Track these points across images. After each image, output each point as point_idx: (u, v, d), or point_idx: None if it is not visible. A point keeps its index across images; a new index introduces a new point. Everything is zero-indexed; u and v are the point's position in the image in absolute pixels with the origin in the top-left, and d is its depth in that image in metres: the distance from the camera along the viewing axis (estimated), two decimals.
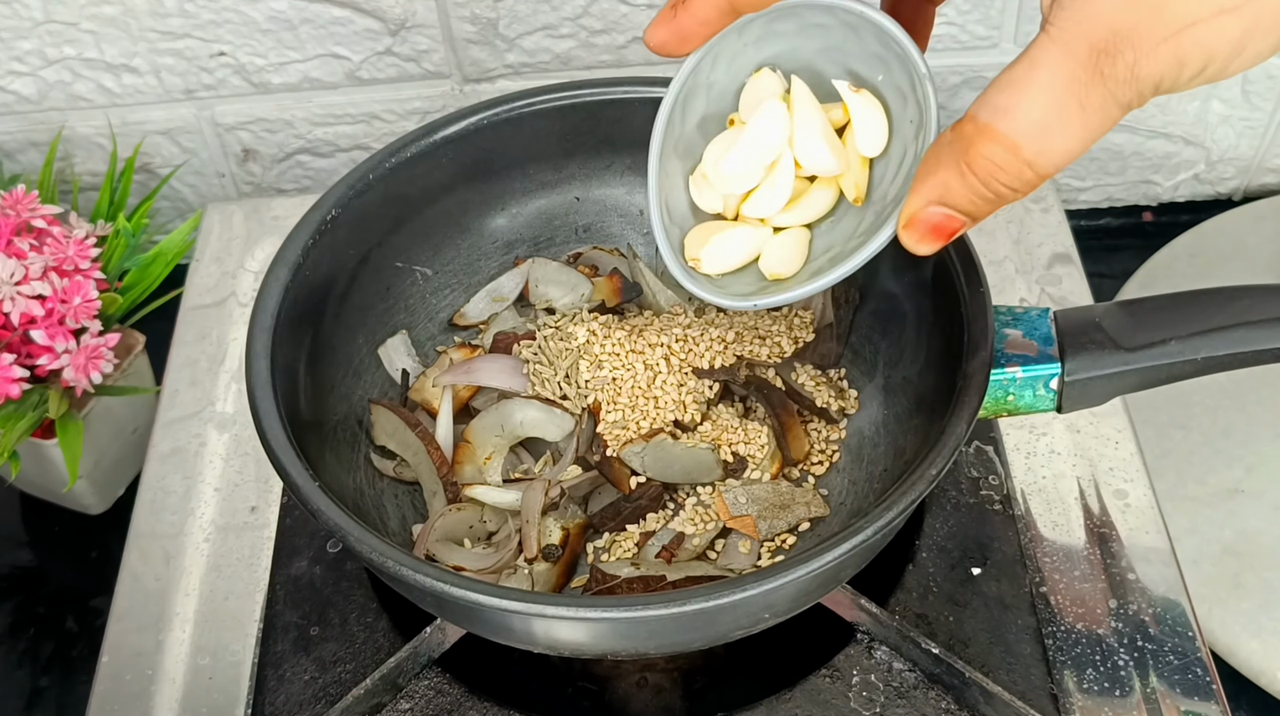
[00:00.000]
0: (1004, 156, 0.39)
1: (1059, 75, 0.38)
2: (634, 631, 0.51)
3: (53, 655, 0.74)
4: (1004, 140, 0.39)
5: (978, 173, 0.40)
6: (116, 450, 0.78)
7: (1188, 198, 0.96)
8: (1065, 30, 0.38)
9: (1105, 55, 0.37)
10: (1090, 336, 0.54)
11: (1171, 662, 0.59)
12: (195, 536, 0.66)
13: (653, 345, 0.62)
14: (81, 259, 0.70)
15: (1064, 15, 0.38)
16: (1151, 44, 0.37)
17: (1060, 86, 0.38)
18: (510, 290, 0.68)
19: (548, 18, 0.83)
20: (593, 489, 0.61)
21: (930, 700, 0.58)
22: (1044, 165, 0.39)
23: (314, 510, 0.50)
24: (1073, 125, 0.39)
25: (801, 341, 0.64)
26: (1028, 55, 0.39)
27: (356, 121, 0.88)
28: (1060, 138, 0.39)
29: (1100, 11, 0.37)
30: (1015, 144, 0.39)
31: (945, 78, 0.87)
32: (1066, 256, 0.76)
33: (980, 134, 0.40)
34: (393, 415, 0.62)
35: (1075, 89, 0.38)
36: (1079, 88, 0.38)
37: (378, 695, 0.58)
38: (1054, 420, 0.68)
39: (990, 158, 0.40)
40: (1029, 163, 0.39)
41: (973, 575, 0.62)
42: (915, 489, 0.49)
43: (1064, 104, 0.38)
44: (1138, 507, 0.64)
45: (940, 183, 0.42)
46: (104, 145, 0.87)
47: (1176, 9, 0.37)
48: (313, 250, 0.59)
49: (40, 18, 0.81)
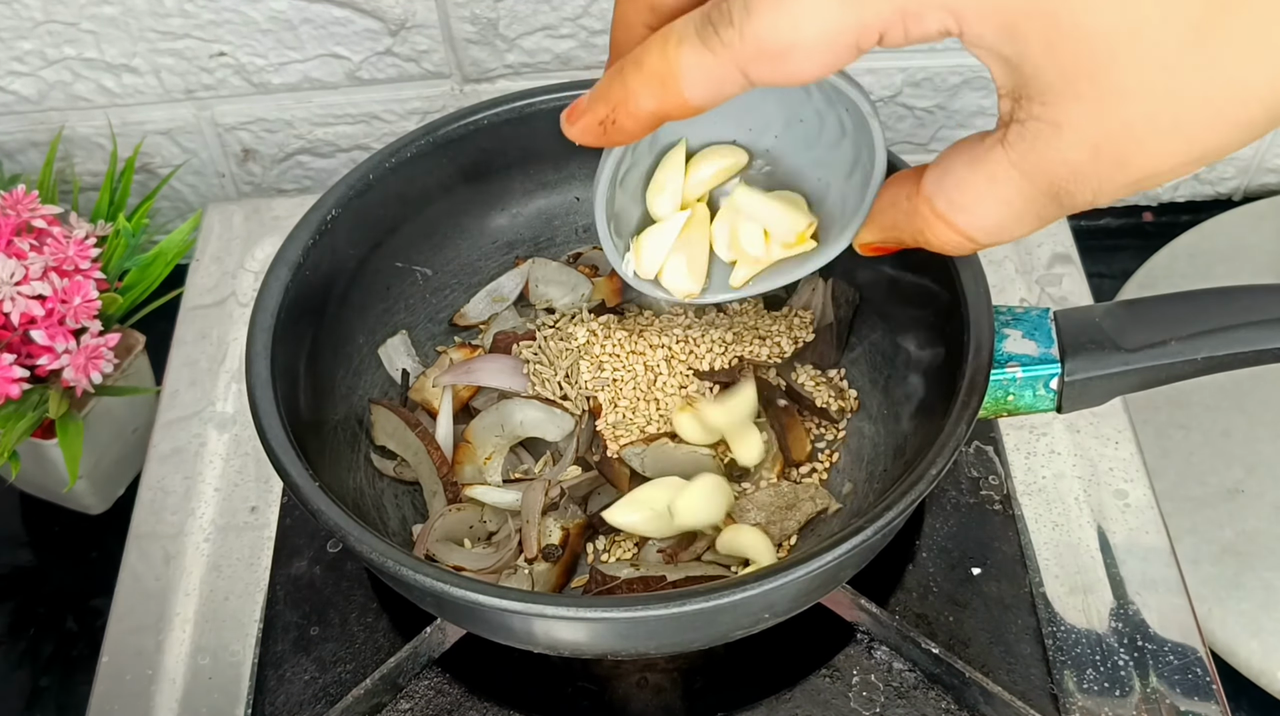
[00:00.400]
0: (960, 241, 0.43)
1: (1020, 197, 0.40)
2: (634, 631, 0.51)
3: (53, 655, 0.74)
4: (961, 232, 0.42)
5: (933, 244, 0.44)
6: (116, 450, 0.78)
7: (1188, 198, 0.96)
8: (1027, 162, 0.39)
9: (1065, 192, 0.39)
10: (1090, 336, 0.54)
11: (1171, 662, 0.59)
12: (195, 536, 0.66)
13: (653, 346, 0.62)
14: (81, 259, 0.70)
15: (1026, 148, 0.39)
16: (1113, 187, 0.39)
17: (1020, 205, 0.40)
18: (510, 290, 0.68)
19: (548, 18, 0.83)
20: (593, 489, 0.61)
21: (930, 700, 0.58)
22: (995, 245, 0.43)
23: (314, 510, 0.50)
24: (1026, 228, 0.42)
25: (801, 342, 0.64)
26: (986, 168, 0.40)
27: (356, 121, 0.88)
28: (1012, 234, 0.42)
29: (1064, 159, 0.38)
30: (972, 236, 0.42)
31: (945, 78, 0.87)
32: (1066, 256, 0.76)
33: (938, 219, 0.43)
34: (393, 415, 0.62)
35: (1034, 208, 0.40)
36: (1038, 207, 0.40)
37: (378, 695, 0.58)
38: (1054, 420, 0.68)
39: (946, 240, 0.43)
40: (982, 245, 0.43)
41: (973, 575, 0.62)
42: (915, 489, 0.49)
43: (1022, 217, 0.41)
44: (1138, 507, 0.64)
45: (894, 235, 0.46)
46: (104, 145, 0.88)
47: (1141, 164, 0.38)
48: (313, 250, 0.59)
49: (40, 18, 0.81)
